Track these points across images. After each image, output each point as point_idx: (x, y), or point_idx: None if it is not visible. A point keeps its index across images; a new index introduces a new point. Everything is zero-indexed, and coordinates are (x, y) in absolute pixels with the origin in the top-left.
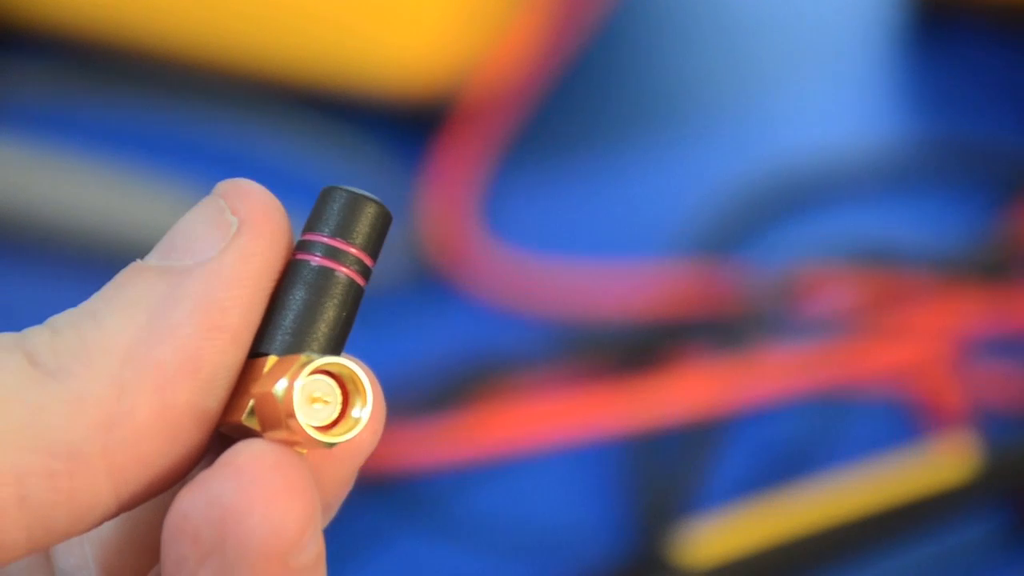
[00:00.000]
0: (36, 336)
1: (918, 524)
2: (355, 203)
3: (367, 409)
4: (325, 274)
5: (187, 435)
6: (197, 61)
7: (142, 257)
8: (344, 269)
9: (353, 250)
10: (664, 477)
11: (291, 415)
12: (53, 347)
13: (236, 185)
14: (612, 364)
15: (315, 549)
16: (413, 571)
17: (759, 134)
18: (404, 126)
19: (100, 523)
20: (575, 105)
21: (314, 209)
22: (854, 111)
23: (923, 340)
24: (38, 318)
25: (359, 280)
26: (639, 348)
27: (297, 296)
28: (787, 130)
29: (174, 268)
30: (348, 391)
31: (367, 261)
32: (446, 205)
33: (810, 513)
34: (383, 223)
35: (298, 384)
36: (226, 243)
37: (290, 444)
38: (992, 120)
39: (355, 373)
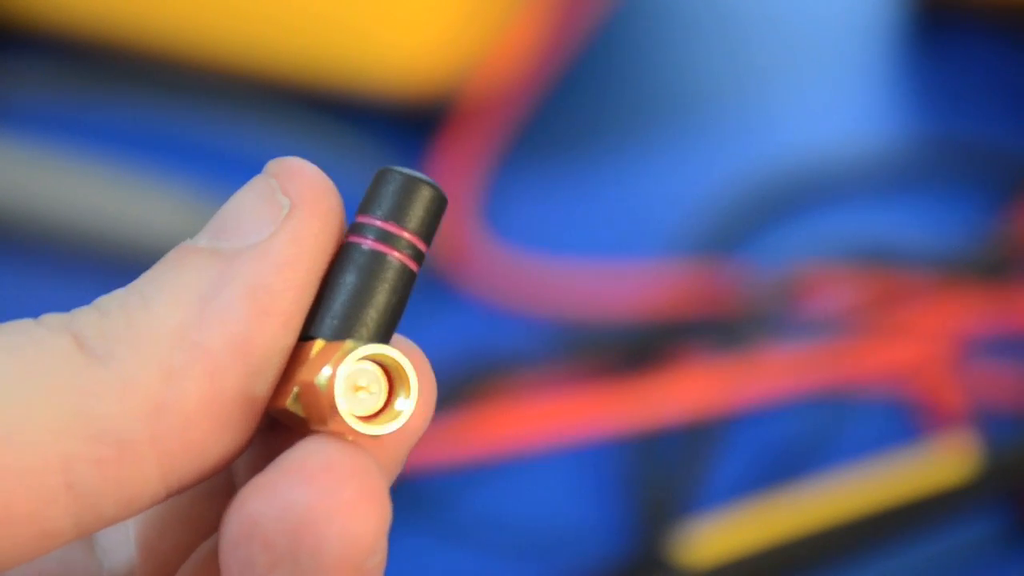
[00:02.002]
0: (84, 317)
1: (918, 524)
2: (410, 186)
3: (411, 400)
4: (377, 258)
5: (236, 421)
6: (197, 61)
7: (142, 256)
8: (396, 253)
9: (406, 234)
10: (664, 477)
11: (333, 404)
12: (101, 330)
13: (287, 164)
14: (612, 364)
15: (385, 551)
16: (413, 571)
17: (759, 134)
18: (404, 126)
19: (148, 508)
20: (575, 105)
21: (368, 191)
22: (854, 111)
23: (923, 340)
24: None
25: (412, 265)
26: (639, 348)
27: (348, 280)
28: (787, 130)
29: (224, 250)
30: (393, 379)
31: (420, 246)
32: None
33: (810, 513)
34: (438, 207)
35: (341, 372)
36: (277, 225)
37: (335, 433)
38: (992, 120)
39: (399, 362)
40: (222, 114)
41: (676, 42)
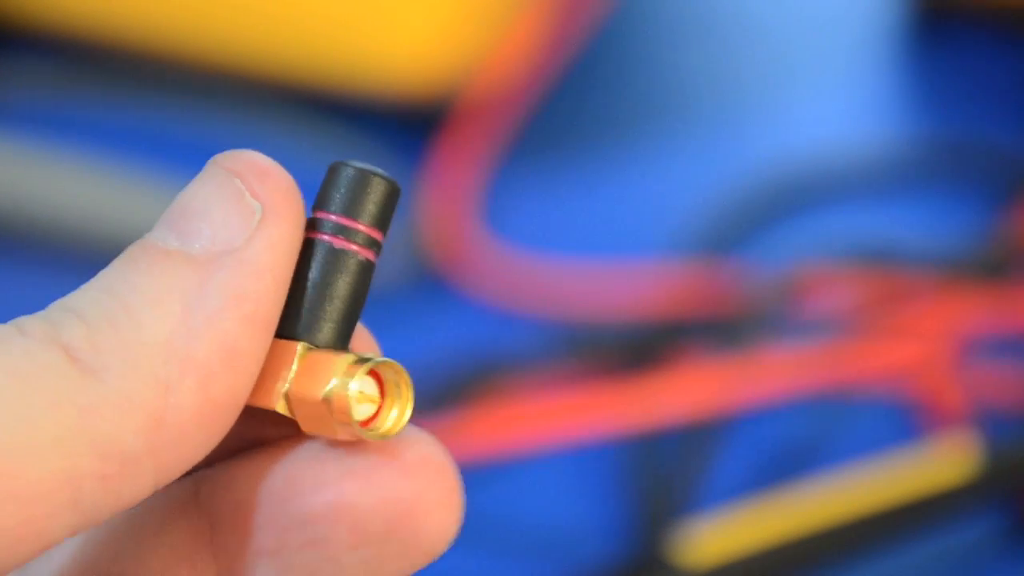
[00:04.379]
0: (70, 329)
1: (918, 524)
2: (362, 179)
3: (409, 403)
4: (337, 253)
5: (224, 424)
6: (197, 61)
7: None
8: (354, 246)
9: (362, 227)
10: (664, 477)
11: (348, 417)
12: (92, 343)
13: (252, 163)
14: (612, 364)
15: None
16: None
17: (759, 134)
18: (404, 126)
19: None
20: (575, 105)
21: (323, 185)
22: (854, 111)
23: (923, 340)
24: None
25: (371, 256)
26: (639, 348)
27: (313, 276)
28: (787, 130)
29: (198, 254)
30: (385, 384)
31: (377, 236)
32: (446, 205)
33: (810, 513)
34: (391, 197)
35: (354, 387)
36: (251, 231)
37: (337, 439)
38: (992, 120)
39: (398, 371)
40: (222, 114)
41: (676, 42)
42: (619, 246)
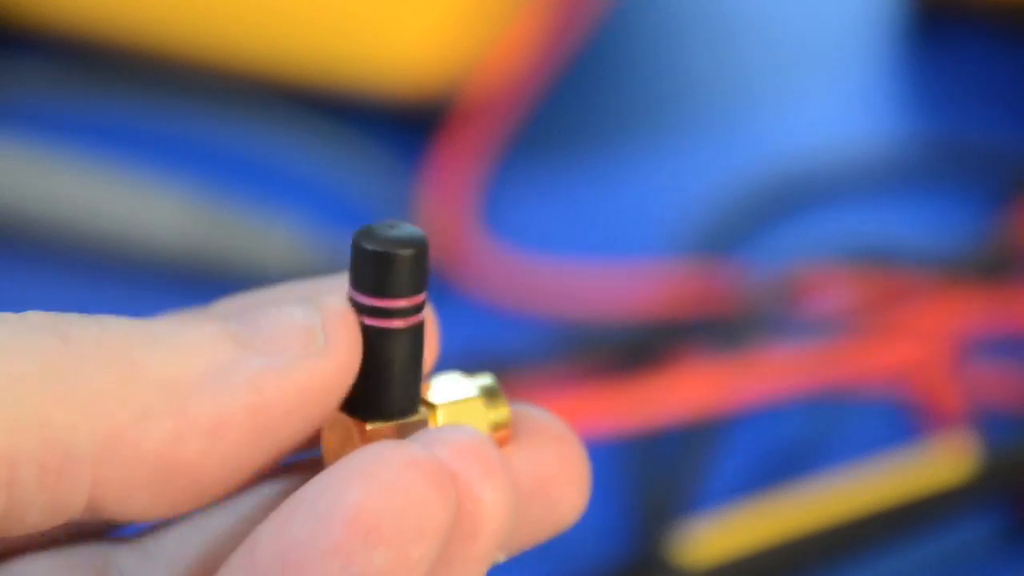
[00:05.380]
0: (81, 325)
1: (918, 524)
2: (385, 259)
3: (501, 404)
4: (382, 333)
5: (183, 489)
6: (197, 61)
7: (141, 256)
8: (397, 323)
9: (400, 303)
10: (664, 477)
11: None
12: (97, 340)
13: (334, 307)
14: (612, 364)
15: None
16: None
17: (759, 134)
18: (404, 126)
19: (58, 530)
20: (575, 105)
21: (352, 262)
22: (853, 111)
23: (923, 340)
24: None
25: (415, 320)
26: (639, 348)
27: (369, 359)
28: (787, 130)
29: (249, 342)
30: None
31: (416, 301)
32: (446, 205)
33: (810, 513)
34: (419, 259)
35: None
36: (304, 352)
37: None
38: (992, 120)
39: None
40: (222, 114)
41: (675, 42)
42: (619, 246)
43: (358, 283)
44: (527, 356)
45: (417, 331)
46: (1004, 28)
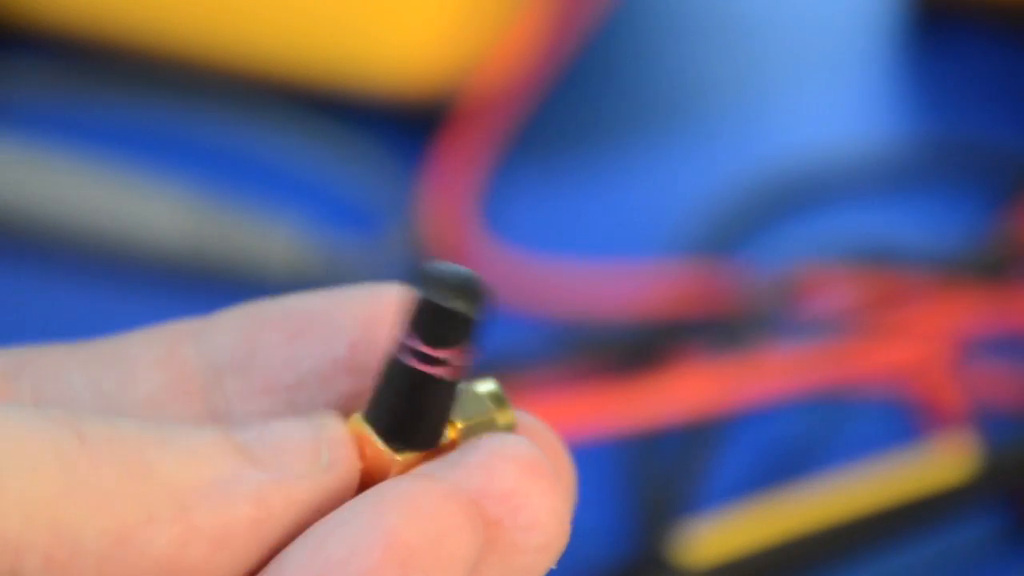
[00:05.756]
0: (96, 424)
1: (918, 524)
2: (448, 316)
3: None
4: (427, 378)
5: None
6: (197, 61)
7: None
8: (441, 370)
9: (452, 356)
10: (664, 477)
11: None
12: (109, 438)
13: (337, 430)
14: (612, 364)
15: None
16: None
17: (759, 134)
18: (404, 126)
19: None
20: (575, 104)
21: (414, 307)
22: (854, 111)
23: (923, 340)
24: (39, 318)
25: (457, 374)
26: (639, 348)
27: (408, 399)
28: (787, 130)
29: (255, 455)
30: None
31: (467, 360)
32: (446, 205)
33: (810, 513)
34: (482, 318)
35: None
36: (308, 470)
37: None
38: (992, 120)
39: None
40: (222, 114)
41: (675, 42)
42: (619, 246)
43: (415, 328)
44: (527, 356)
45: (460, 377)
46: (1004, 28)
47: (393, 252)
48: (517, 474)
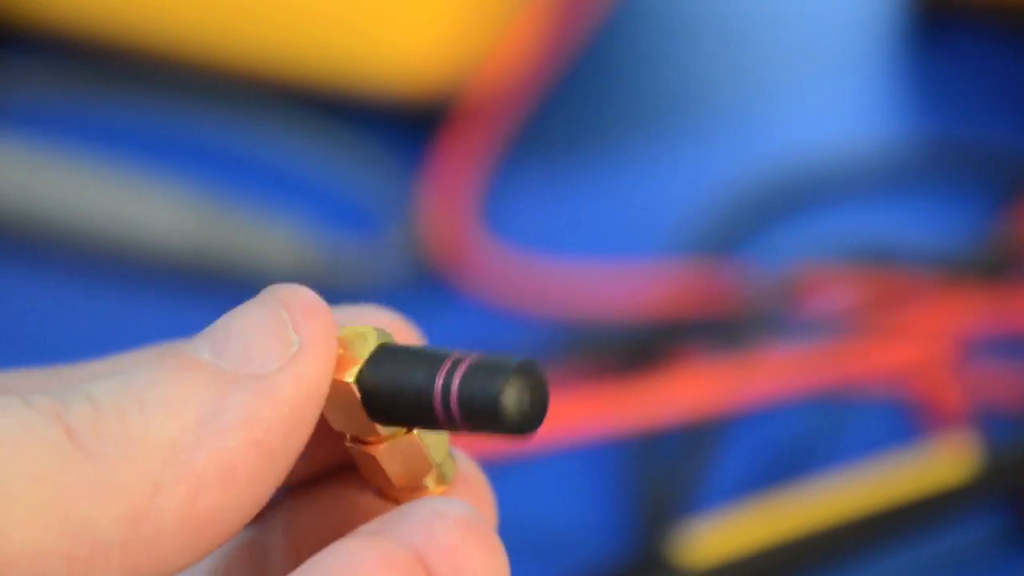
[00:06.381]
0: (77, 409)
1: (918, 524)
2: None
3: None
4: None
5: (207, 539)
6: (197, 61)
7: (141, 256)
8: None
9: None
10: (664, 477)
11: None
12: (95, 427)
13: (300, 299)
14: (612, 364)
15: None
16: None
17: (759, 134)
18: (404, 126)
19: None
20: (576, 105)
21: (469, 382)
22: (854, 111)
23: (923, 340)
24: (39, 319)
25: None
26: (639, 348)
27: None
28: (787, 130)
29: (227, 374)
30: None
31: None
32: (446, 205)
33: (810, 513)
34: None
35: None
36: (283, 362)
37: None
38: (992, 120)
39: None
40: (222, 114)
41: (676, 42)
42: (619, 246)
43: (463, 405)
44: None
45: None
46: (1004, 28)
47: (393, 252)
48: (460, 534)
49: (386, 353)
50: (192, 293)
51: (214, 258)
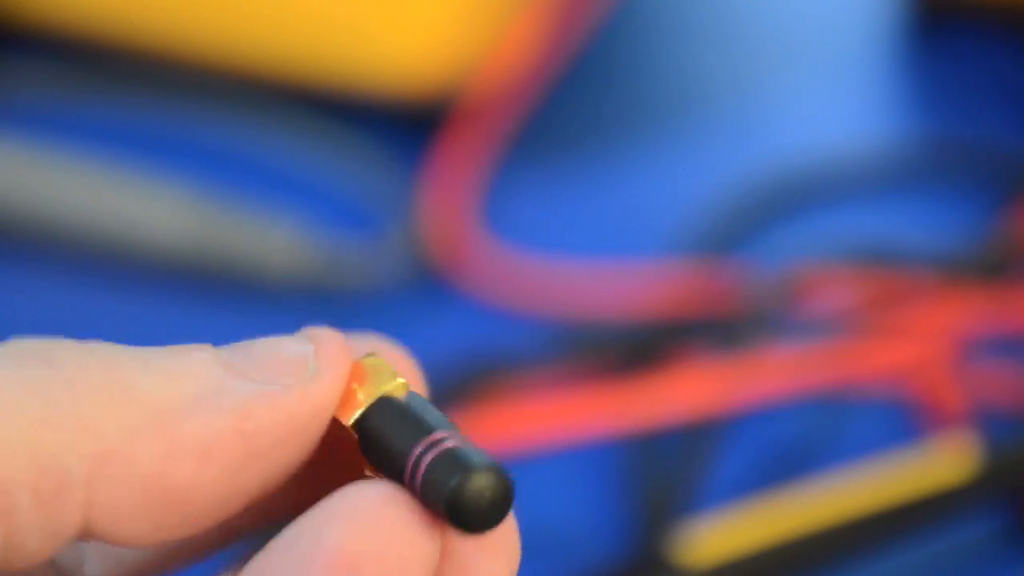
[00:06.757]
0: (68, 350)
1: (918, 524)
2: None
3: None
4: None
5: (171, 513)
6: (197, 61)
7: (141, 257)
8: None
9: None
10: (664, 477)
11: None
12: (83, 367)
13: (329, 338)
14: (612, 364)
15: None
16: None
17: (759, 134)
18: (404, 126)
19: (53, 554)
20: (575, 105)
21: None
22: (854, 111)
23: (923, 340)
24: (38, 318)
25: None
26: (639, 348)
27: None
28: (787, 130)
29: (240, 370)
30: None
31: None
32: (446, 205)
33: (810, 513)
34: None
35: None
36: (296, 382)
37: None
38: (992, 120)
39: None
40: (222, 114)
41: (676, 42)
42: (619, 246)
43: (445, 501)
44: (527, 356)
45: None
46: (1004, 28)
47: (393, 252)
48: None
49: (384, 405)
50: (192, 293)
51: (214, 258)
